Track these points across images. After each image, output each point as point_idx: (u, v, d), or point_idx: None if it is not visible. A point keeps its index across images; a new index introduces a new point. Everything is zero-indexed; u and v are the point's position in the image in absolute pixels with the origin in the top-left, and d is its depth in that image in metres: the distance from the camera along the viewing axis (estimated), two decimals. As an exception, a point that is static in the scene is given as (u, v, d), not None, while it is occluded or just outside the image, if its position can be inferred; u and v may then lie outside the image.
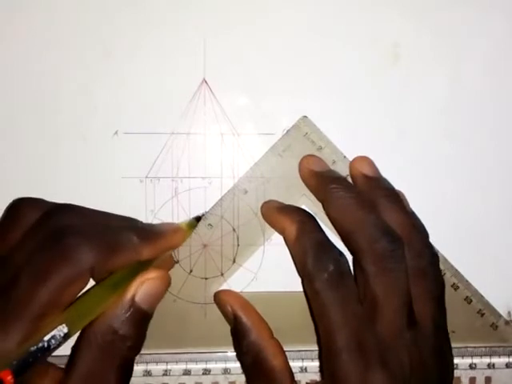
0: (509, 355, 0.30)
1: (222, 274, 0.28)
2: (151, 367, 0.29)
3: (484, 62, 0.29)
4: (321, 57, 0.29)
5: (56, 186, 0.28)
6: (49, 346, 0.20)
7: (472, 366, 0.29)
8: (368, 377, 0.22)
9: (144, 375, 0.28)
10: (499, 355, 0.29)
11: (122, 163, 0.28)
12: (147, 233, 0.24)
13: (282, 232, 0.26)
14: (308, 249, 0.24)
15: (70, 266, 0.21)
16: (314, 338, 0.28)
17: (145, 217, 0.28)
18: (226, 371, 0.29)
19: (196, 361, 0.29)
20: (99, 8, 0.28)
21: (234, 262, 0.28)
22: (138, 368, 0.28)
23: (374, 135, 0.29)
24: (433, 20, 0.29)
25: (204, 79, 0.28)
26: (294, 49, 0.29)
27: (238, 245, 0.28)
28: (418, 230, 0.26)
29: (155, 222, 0.28)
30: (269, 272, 0.29)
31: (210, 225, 0.28)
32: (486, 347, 0.29)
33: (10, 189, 0.28)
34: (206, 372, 0.29)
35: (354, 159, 0.28)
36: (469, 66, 0.29)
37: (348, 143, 0.28)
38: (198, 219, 0.28)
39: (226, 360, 0.29)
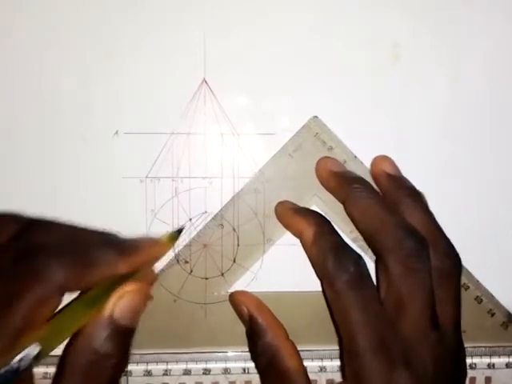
0: (509, 355, 0.30)
1: (222, 274, 0.28)
2: (151, 367, 0.29)
3: (484, 62, 0.29)
4: (321, 57, 0.29)
5: (56, 186, 0.28)
6: (19, 366, 0.19)
7: (472, 366, 0.29)
8: (392, 377, 0.22)
9: (144, 375, 0.28)
10: (499, 355, 0.29)
11: (122, 163, 0.28)
12: (124, 247, 0.24)
13: (298, 234, 0.26)
14: (327, 251, 0.24)
15: (40, 285, 0.21)
16: (315, 338, 0.28)
17: (145, 217, 0.28)
18: (226, 371, 0.29)
19: (196, 361, 0.29)
20: (99, 8, 0.28)
21: (234, 262, 0.28)
22: (137, 368, 0.28)
23: (372, 135, 0.29)
24: (433, 20, 0.29)
25: (204, 79, 0.28)
26: (293, 49, 0.29)
27: (238, 245, 0.28)
28: (442, 232, 0.26)
29: (156, 222, 0.28)
30: (269, 272, 0.29)
31: (221, 225, 0.28)
32: (485, 347, 0.29)
33: (10, 189, 0.28)
34: (206, 372, 0.29)
35: (376, 158, 0.28)
36: (469, 66, 0.29)
37: (347, 143, 0.28)
38: (179, 231, 0.27)
39: (226, 360, 0.29)
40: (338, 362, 0.29)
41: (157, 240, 0.26)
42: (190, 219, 0.29)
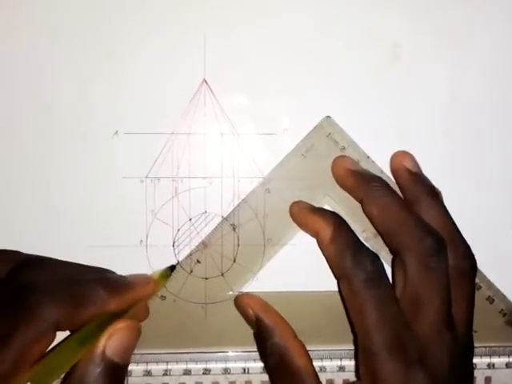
0: (509, 355, 0.30)
1: (222, 274, 0.28)
2: (151, 367, 0.29)
3: (484, 62, 0.29)
4: (321, 57, 0.29)
5: (56, 186, 0.28)
6: None
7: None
8: (409, 376, 0.22)
9: (144, 375, 0.28)
10: (499, 355, 0.29)
11: (122, 163, 0.28)
12: (115, 285, 0.24)
13: (314, 233, 0.26)
14: (345, 250, 0.24)
15: (33, 324, 0.21)
16: (316, 338, 0.28)
17: (145, 217, 0.28)
18: (225, 371, 0.29)
19: (196, 361, 0.29)
20: (99, 8, 0.28)
21: (234, 261, 0.28)
22: (138, 368, 0.28)
23: (372, 135, 0.29)
24: (433, 20, 0.29)
25: (204, 79, 0.28)
26: (293, 49, 0.29)
27: (238, 245, 0.28)
28: (459, 232, 0.26)
29: (156, 222, 0.28)
30: (269, 272, 0.29)
31: (232, 224, 0.28)
32: (485, 347, 0.29)
33: (10, 189, 0.28)
34: (206, 372, 0.29)
35: (397, 153, 0.28)
36: (469, 65, 0.29)
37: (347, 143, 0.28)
38: (171, 268, 0.28)
39: (226, 360, 0.29)
40: (338, 362, 0.29)
41: (149, 278, 0.26)
42: (190, 219, 0.29)
